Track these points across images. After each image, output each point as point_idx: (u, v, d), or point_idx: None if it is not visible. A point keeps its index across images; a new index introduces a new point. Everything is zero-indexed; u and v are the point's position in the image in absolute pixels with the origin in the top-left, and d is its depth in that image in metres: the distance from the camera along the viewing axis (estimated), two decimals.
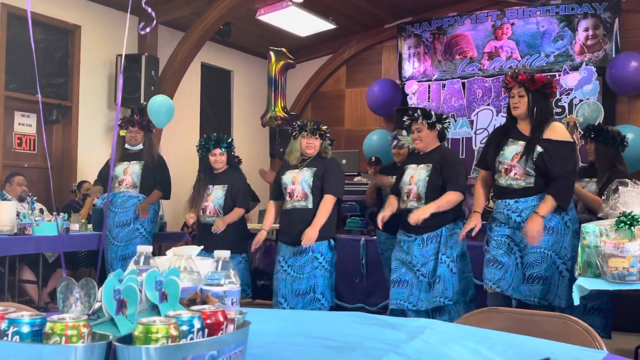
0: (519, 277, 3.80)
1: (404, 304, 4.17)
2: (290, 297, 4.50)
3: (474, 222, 3.89)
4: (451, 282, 4.13)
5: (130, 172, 5.59)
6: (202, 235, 5.09)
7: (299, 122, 4.78)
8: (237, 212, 5.05)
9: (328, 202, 4.49)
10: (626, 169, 4.66)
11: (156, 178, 5.65)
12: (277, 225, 4.96)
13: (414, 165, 4.38)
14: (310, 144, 4.57)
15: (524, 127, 3.86)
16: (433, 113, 4.43)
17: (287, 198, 4.56)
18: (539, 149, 3.73)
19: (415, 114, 4.43)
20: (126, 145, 5.66)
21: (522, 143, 3.80)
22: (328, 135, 4.74)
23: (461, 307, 4.15)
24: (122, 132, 5.64)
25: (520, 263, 3.80)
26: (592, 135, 4.69)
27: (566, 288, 3.68)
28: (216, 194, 5.08)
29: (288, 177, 4.61)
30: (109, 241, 5.50)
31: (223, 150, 5.11)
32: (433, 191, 4.21)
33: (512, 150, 3.82)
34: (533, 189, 3.76)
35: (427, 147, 4.37)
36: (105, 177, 5.69)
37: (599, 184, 4.56)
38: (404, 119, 4.55)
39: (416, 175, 4.31)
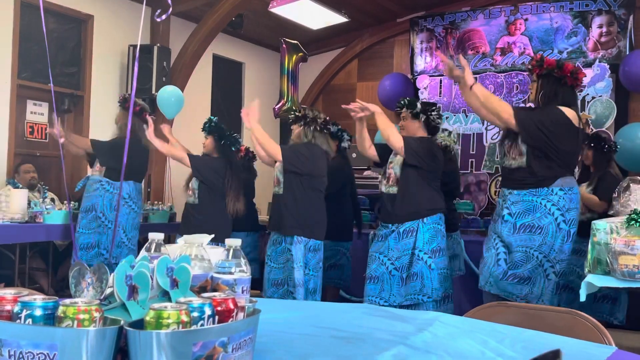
0: (499, 272, 3.65)
1: (376, 299, 4.03)
2: (267, 286, 4.43)
3: None
4: (429, 278, 4.00)
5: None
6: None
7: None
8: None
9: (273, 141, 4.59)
10: (617, 171, 5.04)
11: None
12: None
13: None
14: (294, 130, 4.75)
15: None
16: (419, 103, 4.37)
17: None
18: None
19: (402, 102, 4.40)
20: None
21: None
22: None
23: (437, 304, 4.03)
24: None
25: (504, 260, 3.65)
26: (592, 145, 4.95)
27: (552, 291, 3.58)
28: None
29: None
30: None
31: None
32: (406, 175, 4.15)
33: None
34: (527, 174, 3.64)
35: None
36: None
37: (589, 185, 4.84)
38: (396, 107, 4.49)
39: (394, 161, 4.29)
